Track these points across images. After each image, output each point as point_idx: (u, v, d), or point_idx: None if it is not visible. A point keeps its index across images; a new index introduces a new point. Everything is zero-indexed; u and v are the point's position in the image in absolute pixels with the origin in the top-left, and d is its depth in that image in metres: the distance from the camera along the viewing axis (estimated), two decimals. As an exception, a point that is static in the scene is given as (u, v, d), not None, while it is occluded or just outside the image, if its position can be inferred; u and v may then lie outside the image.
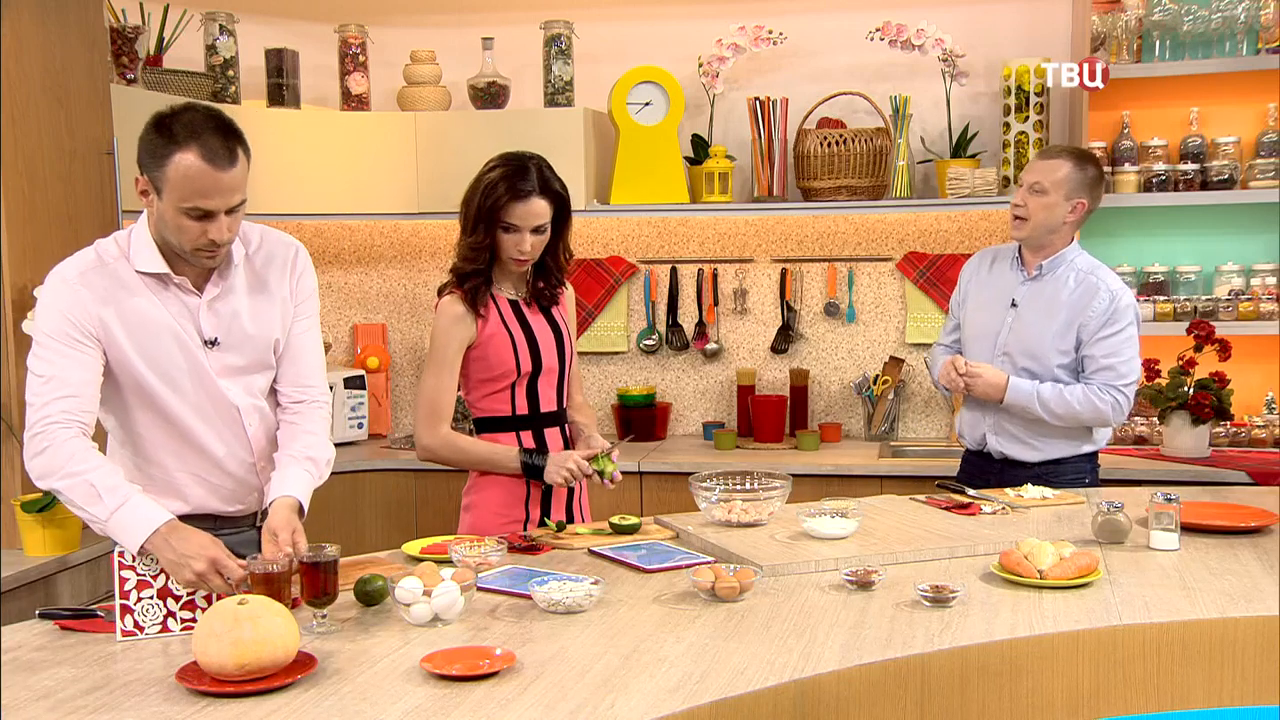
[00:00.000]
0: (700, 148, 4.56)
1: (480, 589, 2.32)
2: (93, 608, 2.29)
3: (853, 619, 2.16)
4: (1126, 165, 4.22)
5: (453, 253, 2.98)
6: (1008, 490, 3.16)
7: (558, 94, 4.46)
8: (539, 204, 2.85)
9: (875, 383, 4.53)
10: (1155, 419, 4.17)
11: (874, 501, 3.08)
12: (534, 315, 2.98)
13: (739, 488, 2.86)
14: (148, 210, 2.30)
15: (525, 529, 2.92)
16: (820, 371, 4.69)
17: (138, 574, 2.13)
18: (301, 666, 1.88)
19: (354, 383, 4.54)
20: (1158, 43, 4.14)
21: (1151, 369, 4.03)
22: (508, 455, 2.91)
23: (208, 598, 2.15)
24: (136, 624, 2.12)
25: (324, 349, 2.63)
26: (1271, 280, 4.19)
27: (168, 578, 2.14)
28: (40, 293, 2.34)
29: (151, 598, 2.13)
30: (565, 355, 3.02)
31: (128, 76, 3.88)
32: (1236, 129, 4.23)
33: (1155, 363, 4.03)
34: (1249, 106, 4.24)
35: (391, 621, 2.16)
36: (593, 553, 2.64)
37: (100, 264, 2.31)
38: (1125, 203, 4.20)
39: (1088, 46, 4.14)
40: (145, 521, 2.13)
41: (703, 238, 4.72)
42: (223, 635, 1.82)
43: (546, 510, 2.96)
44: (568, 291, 3.08)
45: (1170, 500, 2.63)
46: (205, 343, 2.36)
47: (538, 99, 4.55)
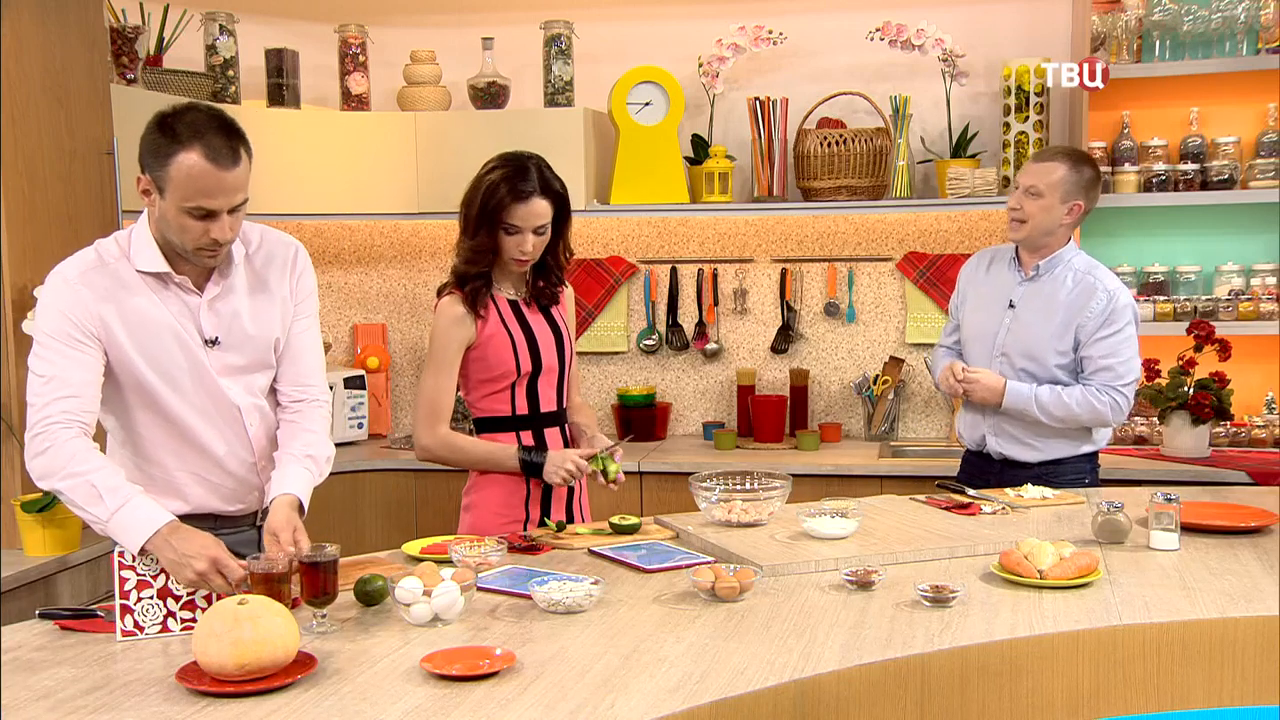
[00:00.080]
0: (700, 148, 4.55)
1: (480, 589, 2.32)
2: (93, 608, 2.29)
3: (853, 619, 2.16)
4: (1126, 165, 4.22)
5: (452, 253, 2.98)
6: (1008, 490, 3.16)
7: (558, 94, 4.46)
8: (540, 204, 2.85)
9: (875, 383, 4.53)
10: (1155, 419, 4.17)
11: (874, 501, 3.08)
12: (533, 315, 2.98)
13: (739, 488, 2.86)
14: (149, 209, 2.30)
15: (525, 529, 2.92)
16: (820, 371, 4.69)
17: (138, 574, 2.13)
18: (301, 666, 1.89)
19: (354, 383, 4.54)
20: (1158, 43, 4.14)
21: (1151, 369, 4.03)
22: (506, 454, 2.91)
23: (208, 598, 2.15)
24: (136, 624, 2.12)
25: (324, 349, 2.63)
26: (1271, 280, 4.19)
27: (168, 578, 2.14)
28: (41, 293, 2.34)
29: (151, 598, 2.13)
30: (565, 355, 3.02)
31: (128, 76, 3.88)
32: (1236, 129, 4.23)
33: (1155, 363, 4.03)
34: (1249, 106, 4.24)
35: (391, 621, 2.16)
36: (593, 553, 2.64)
37: (101, 263, 2.31)
38: (1125, 203, 4.20)
39: (1088, 46, 4.14)
40: (146, 522, 2.13)
41: (703, 238, 4.72)
42: (223, 635, 1.82)
43: (546, 510, 2.96)
44: (567, 291, 3.08)
45: (1170, 500, 2.63)
46: (206, 342, 2.37)
47: (538, 99, 4.55)
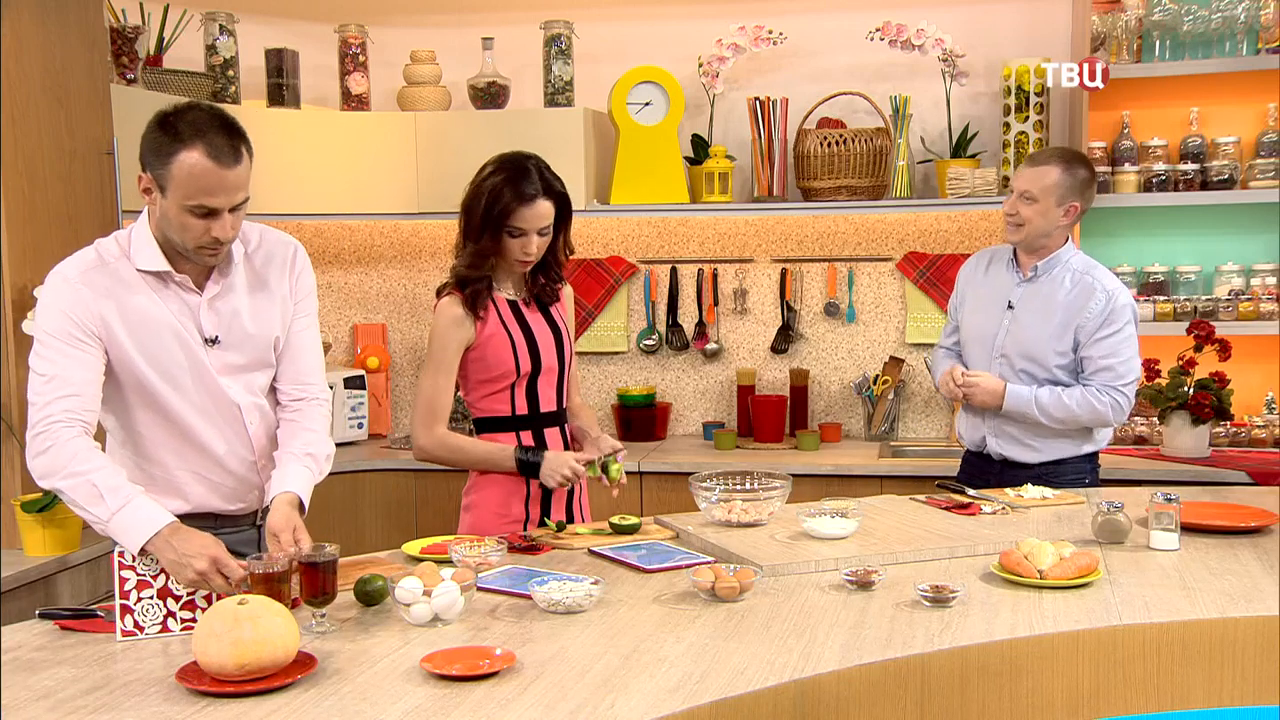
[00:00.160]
0: (700, 148, 4.55)
1: (480, 589, 2.32)
2: (93, 608, 2.29)
3: (853, 619, 2.16)
4: (1126, 165, 4.22)
5: (452, 254, 2.98)
6: (1008, 490, 3.16)
7: (558, 94, 4.45)
8: (544, 206, 2.85)
9: (875, 383, 4.53)
10: (1155, 419, 4.17)
11: (874, 501, 3.08)
12: (533, 315, 2.98)
13: (739, 488, 2.86)
14: (150, 208, 2.30)
15: (525, 529, 2.92)
16: (820, 371, 4.69)
17: (138, 574, 2.13)
18: (301, 666, 1.88)
19: (354, 383, 4.54)
20: (1158, 43, 4.14)
21: (1151, 369, 4.03)
22: (504, 454, 2.91)
23: (208, 598, 2.15)
24: (136, 624, 2.12)
25: (324, 348, 2.63)
26: (1271, 280, 4.19)
27: (168, 578, 2.14)
28: (41, 292, 2.34)
29: (151, 598, 2.13)
30: (565, 355, 3.02)
31: (128, 76, 3.88)
32: (1236, 129, 4.23)
33: (1155, 363, 4.03)
34: (1249, 106, 4.24)
35: (391, 621, 2.16)
36: (593, 553, 2.64)
37: (101, 263, 2.32)
38: (1125, 203, 4.20)
39: (1088, 46, 4.14)
40: (147, 522, 2.13)
41: (703, 238, 4.72)
42: (223, 635, 1.82)
43: (546, 510, 2.96)
44: (566, 290, 3.08)
45: (1170, 500, 2.63)
46: (206, 341, 2.37)
47: (538, 99, 4.55)
